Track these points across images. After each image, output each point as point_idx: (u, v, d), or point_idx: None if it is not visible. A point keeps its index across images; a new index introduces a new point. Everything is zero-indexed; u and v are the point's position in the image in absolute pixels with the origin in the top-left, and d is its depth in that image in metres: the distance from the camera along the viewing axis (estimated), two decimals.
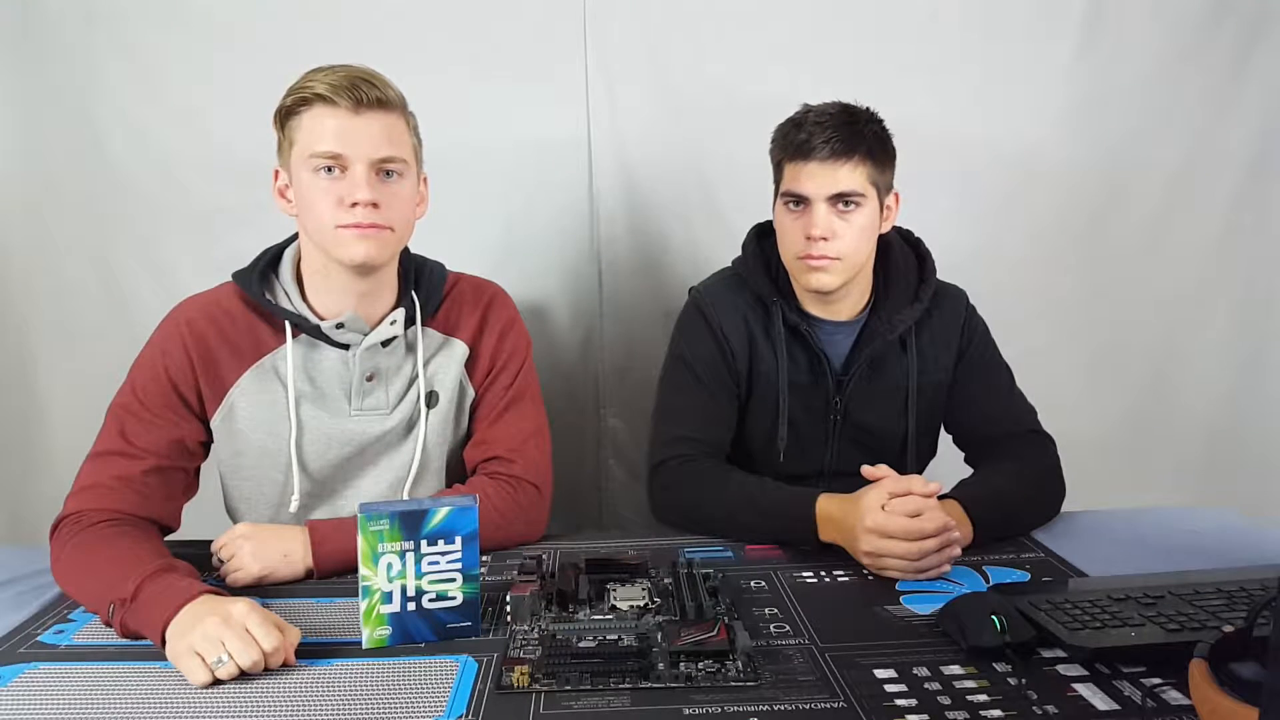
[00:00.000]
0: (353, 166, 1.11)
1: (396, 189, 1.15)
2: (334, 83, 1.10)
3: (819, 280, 1.31)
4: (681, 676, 0.87)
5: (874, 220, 1.31)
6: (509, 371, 1.30)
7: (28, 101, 1.75)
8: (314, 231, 1.15)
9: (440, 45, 1.75)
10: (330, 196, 1.12)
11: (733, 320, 1.39)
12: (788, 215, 1.32)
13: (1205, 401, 2.05)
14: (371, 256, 1.14)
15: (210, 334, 1.19)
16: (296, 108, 1.12)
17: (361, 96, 1.10)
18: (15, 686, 0.89)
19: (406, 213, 1.18)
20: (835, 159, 1.26)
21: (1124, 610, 0.95)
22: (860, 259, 1.32)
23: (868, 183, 1.28)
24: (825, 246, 1.28)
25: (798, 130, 1.29)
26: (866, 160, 1.28)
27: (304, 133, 1.12)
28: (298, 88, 1.12)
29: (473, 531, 0.96)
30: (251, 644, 0.89)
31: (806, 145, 1.27)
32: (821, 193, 1.27)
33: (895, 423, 1.41)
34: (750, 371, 1.39)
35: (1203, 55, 1.89)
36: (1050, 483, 1.33)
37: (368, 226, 1.12)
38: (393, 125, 1.14)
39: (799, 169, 1.28)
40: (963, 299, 1.44)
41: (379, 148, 1.12)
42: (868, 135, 1.28)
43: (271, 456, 1.22)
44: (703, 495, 1.29)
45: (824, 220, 1.27)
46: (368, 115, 1.11)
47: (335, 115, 1.10)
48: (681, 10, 1.79)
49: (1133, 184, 1.94)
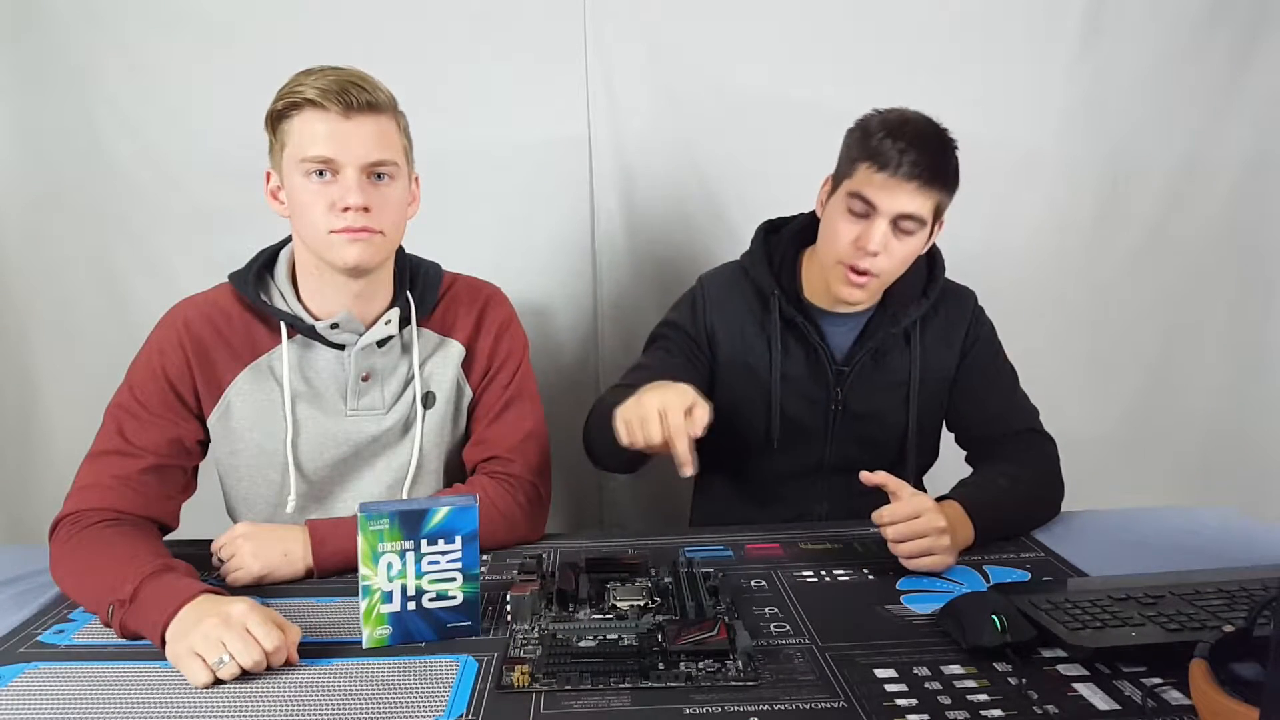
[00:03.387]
0: (343, 170, 1.11)
1: (387, 192, 1.15)
2: (324, 87, 1.09)
3: (852, 294, 1.30)
4: (681, 676, 0.87)
5: (922, 245, 1.31)
6: (506, 371, 1.30)
7: (28, 101, 1.75)
8: (307, 235, 1.16)
9: (440, 45, 1.75)
10: (322, 201, 1.12)
11: (725, 311, 1.40)
12: (845, 218, 1.28)
13: (1205, 401, 2.05)
14: (364, 260, 1.14)
15: (207, 334, 1.20)
16: (287, 111, 1.12)
17: (351, 100, 1.10)
18: (15, 686, 0.89)
19: (398, 215, 1.18)
20: (918, 183, 1.23)
21: (1124, 610, 0.95)
22: (894, 279, 1.33)
23: (933, 210, 1.27)
24: (872, 262, 1.26)
25: (891, 141, 1.23)
26: (941, 190, 1.26)
27: (295, 136, 1.12)
28: (287, 91, 1.12)
29: (473, 531, 0.96)
30: (252, 644, 0.89)
31: (896, 160, 1.22)
32: (892, 209, 1.24)
33: (896, 417, 1.41)
34: (740, 361, 1.39)
35: (1202, 55, 1.90)
36: (1051, 483, 1.33)
37: (359, 230, 1.12)
38: (383, 128, 1.14)
39: (878, 177, 1.24)
40: (971, 299, 1.44)
41: (370, 151, 1.12)
42: (951, 167, 1.27)
43: (268, 456, 1.22)
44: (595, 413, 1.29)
45: (881, 237, 1.25)
46: (358, 119, 1.11)
47: (325, 119, 1.10)
48: (681, 10, 1.79)
49: (1133, 184, 1.95)
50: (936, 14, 1.83)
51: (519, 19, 1.76)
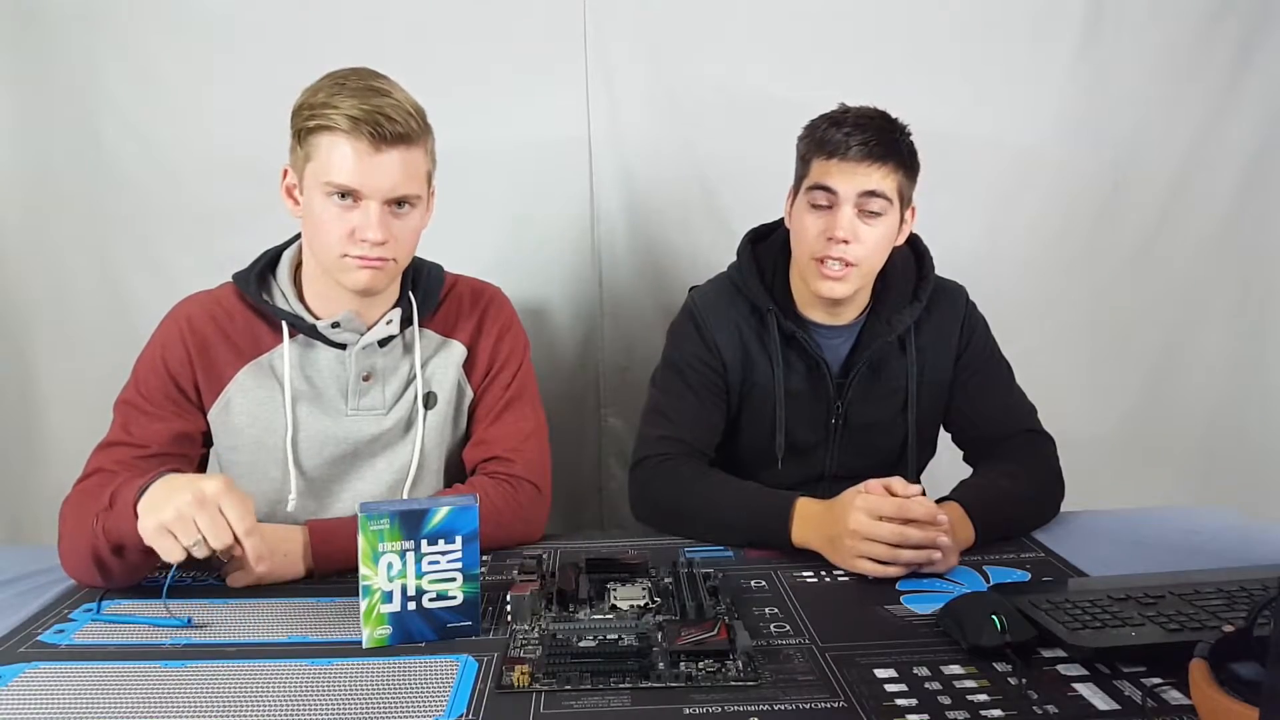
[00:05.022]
0: (366, 201, 1.11)
1: (407, 221, 1.15)
2: (356, 116, 1.07)
3: (831, 289, 1.29)
4: (681, 676, 0.87)
5: (893, 231, 1.30)
6: (507, 372, 1.31)
7: (28, 101, 1.75)
8: (319, 251, 1.16)
9: (440, 45, 1.75)
10: (341, 226, 1.11)
11: (726, 331, 1.38)
12: (810, 213, 1.29)
13: (1205, 401, 2.05)
14: (374, 285, 1.15)
15: (209, 330, 1.20)
16: (317, 129, 1.10)
17: (384, 133, 1.08)
18: (15, 686, 0.89)
19: (413, 241, 1.19)
20: (870, 161, 1.24)
21: (1124, 610, 0.95)
22: (873, 269, 1.32)
23: (896, 191, 1.27)
24: (845, 250, 1.26)
25: (836, 128, 1.26)
26: (899, 169, 1.26)
27: (321, 155, 1.10)
28: (320, 105, 1.08)
29: (473, 531, 0.96)
30: (224, 525, 0.89)
31: (844, 144, 1.24)
32: (852, 190, 1.25)
33: (896, 424, 1.41)
34: (744, 382, 1.39)
35: (1203, 55, 1.90)
36: (1050, 483, 1.33)
37: (375, 260, 1.12)
38: (411, 159, 1.12)
39: (831, 165, 1.26)
40: (962, 295, 1.43)
41: (395, 186, 1.11)
42: (903, 145, 1.27)
43: (268, 453, 1.22)
44: (678, 491, 1.28)
45: (848, 222, 1.25)
46: (387, 152, 1.09)
47: (354, 149, 1.08)
48: (681, 10, 1.79)
49: (1133, 184, 1.95)
50: (936, 14, 1.83)
51: (519, 19, 1.76)
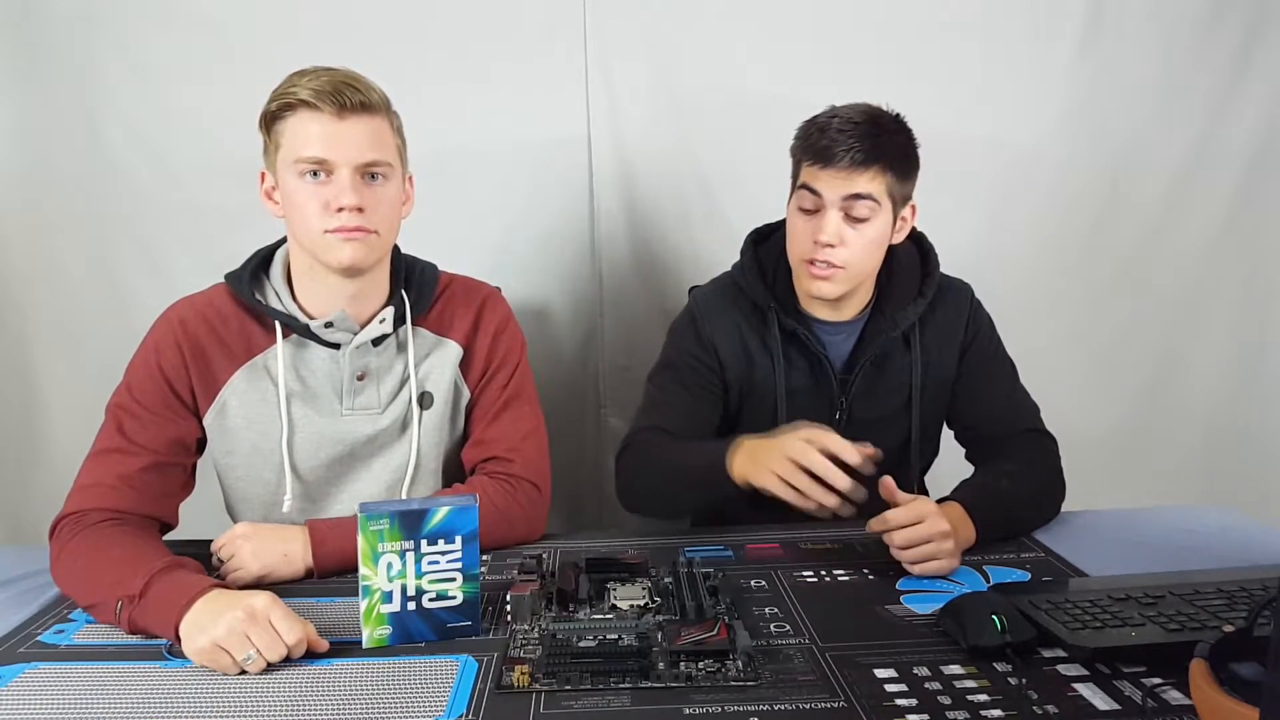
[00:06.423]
0: (337, 171, 1.12)
1: (381, 192, 1.16)
2: (317, 88, 1.10)
3: (820, 288, 1.30)
4: (681, 676, 0.87)
5: (885, 232, 1.30)
6: (505, 372, 1.30)
7: (28, 101, 1.75)
8: (301, 235, 1.16)
9: (440, 46, 1.75)
10: (316, 201, 1.12)
11: (724, 329, 1.38)
12: (799, 216, 1.30)
13: (1205, 401, 2.05)
14: (358, 260, 1.15)
15: (202, 332, 1.20)
16: (281, 112, 1.13)
17: (345, 101, 1.10)
18: (15, 686, 0.89)
19: (392, 215, 1.19)
20: (853, 166, 1.24)
21: (1124, 610, 0.95)
22: (865, 270, 1.32)
23: (885, 193, 1.26)
24: (831, 253, 1.26)
25: (821, 134, 1.26)
26: (887, 171, 1.26)
27: (289, 137, 1.13)
28: (281, 92, 1.13)
29: (473, 531, 0.96)
30: (276, 638, 0.90)
31: (828, 151, 1.24)
32: (836, 195, 1.25)
33: (899, 421, 1.41)
34: (744, 380, 1.39)
35: (1203, 55, 1.90)
36: (1052, 483, 1.33)
37: (354, 230, 1.13)
38: (377, 128, 1.14)
39: (816, 170, 1.26)
40: (967, 293, 1.43)
41: (363, 152, 1.12)
42: (891, 145, 1.26)
43: (264, 455, 1.22)
44: (648, 462, 1.29)
45: (833, 227, 1.25)
46: (351, 119, 1.11)
47: (319, 120, 1.11)
48: (681, 10, 1.79)
49: (1133, 184, 1.95)
50: (936, 14, 1.83)
51: (519, 19, 1.76)
